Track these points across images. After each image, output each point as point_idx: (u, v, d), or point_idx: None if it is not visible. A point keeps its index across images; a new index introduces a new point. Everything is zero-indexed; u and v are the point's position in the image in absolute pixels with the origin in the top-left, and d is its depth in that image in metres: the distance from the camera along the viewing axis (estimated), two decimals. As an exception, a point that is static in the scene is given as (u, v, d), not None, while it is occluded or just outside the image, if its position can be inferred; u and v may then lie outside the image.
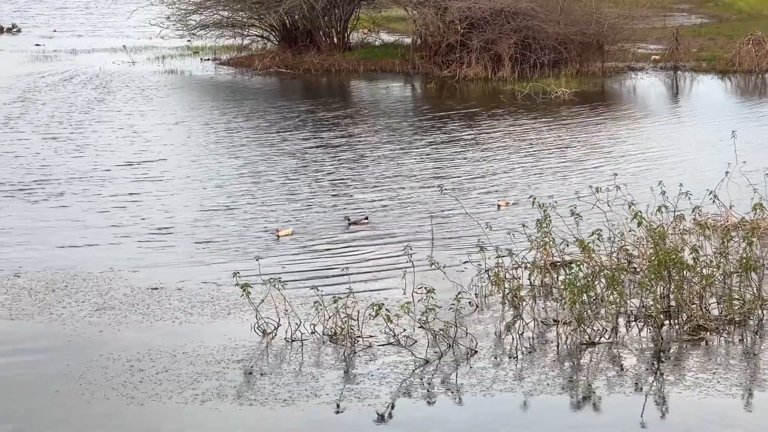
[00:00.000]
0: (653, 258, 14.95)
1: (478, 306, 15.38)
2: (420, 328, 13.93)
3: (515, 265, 16.22)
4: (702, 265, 15.02)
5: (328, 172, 24.79)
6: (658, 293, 14.71)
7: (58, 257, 18.01)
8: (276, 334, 14.26)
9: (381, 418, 12.00)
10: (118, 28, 58.36)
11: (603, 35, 40.86)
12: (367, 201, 21.96)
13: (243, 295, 14.30)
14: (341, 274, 16.18)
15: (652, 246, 15.49)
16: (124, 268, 17.33)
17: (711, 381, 12.76)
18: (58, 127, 30.55)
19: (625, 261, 16.32)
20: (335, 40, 45.60)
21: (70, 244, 18.81)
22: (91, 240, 19.12)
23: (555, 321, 14.35)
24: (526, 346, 13.84)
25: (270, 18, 44.88)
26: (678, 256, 14.72)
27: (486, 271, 16.29)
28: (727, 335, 14.20)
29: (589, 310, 14.14)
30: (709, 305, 14.75)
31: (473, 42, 39.84)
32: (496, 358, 13.51)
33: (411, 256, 15.92)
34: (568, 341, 13.88)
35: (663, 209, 16.73)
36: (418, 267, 16.04)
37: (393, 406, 12.27)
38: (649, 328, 14.34)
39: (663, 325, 14.35)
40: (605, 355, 13.64)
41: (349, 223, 19.92)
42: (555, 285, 15.63)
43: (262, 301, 14.55)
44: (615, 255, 16.42)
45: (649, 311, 14.57)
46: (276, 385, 12.76)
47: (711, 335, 14.13)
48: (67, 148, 27.52)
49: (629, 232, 17.00)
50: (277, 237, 19.09)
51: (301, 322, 14.24)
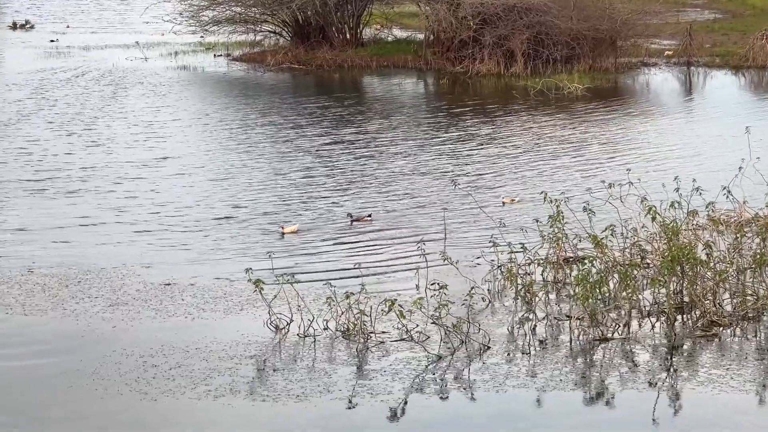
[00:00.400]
0: (666, 253, 14.92)
1: (490, 302, 15.37)
2: (433, 323, 13.92)
3: (528, 261, 16.20)
4: (715, 261, 15.00)
5: (342, 169, 24.79)
6: (672, 289, 14.68)
7: (71, 253, 18.04)
8: (288, 330, 14.26)
9: (394, 414, 12.00)
10: (131, 24, 58.45)
11: (616, 31, 40.80)
12: (381, 196, 21.95)
13: (256, 291, 14.31)
14: (354, 269, 16.16)
15: (666, 241, 15.46)
16: (136, 264, 17.35)
17: (724, 377, 12.72)
18: (72, 123, 30.59)
19: (639, 257, 16.28)
20: (348, 36, 45.64)
21: (83, 240, 18.84)
22: (104, 236, 19.14)
23: (568, 317, 14.34)
24: (538, 342, 13.83)
25: (283, 14, 44.89)
26: (691, 252, 14.69)
27: (499, 266, 16.27)
28: (740, 331, 14.17)
29: (602, 305, 14.12)
30: (723, 301, 14.72)
31: (486, 38, 39.82)
32: (508, 354, 13.50)
33: (424, 252, 15.92)
34: (580, 337, 13.87)
35: (676, 205, 16.69)
36: (431, 263, 16.04)
37: (406, 402, 12.27)
38: (662, 323, 14.31)
39: (676, 321, 14.32)
40: (618, 350, 13.62)
41: (352, 220, 19.89)
42: (568, 281, 15.60)
43: (275, 296, 14.56)
44: (628, 250, 16.39)
45: (662, 307, 14.54)
46: (289, 381, 12.77)
47: (724, 331, 14.10)
48: (81, 145, 27.56)
49: (642, 228, 16.96)
50: (282, 234, 19.07)
51: (313, 318, 14.25)
